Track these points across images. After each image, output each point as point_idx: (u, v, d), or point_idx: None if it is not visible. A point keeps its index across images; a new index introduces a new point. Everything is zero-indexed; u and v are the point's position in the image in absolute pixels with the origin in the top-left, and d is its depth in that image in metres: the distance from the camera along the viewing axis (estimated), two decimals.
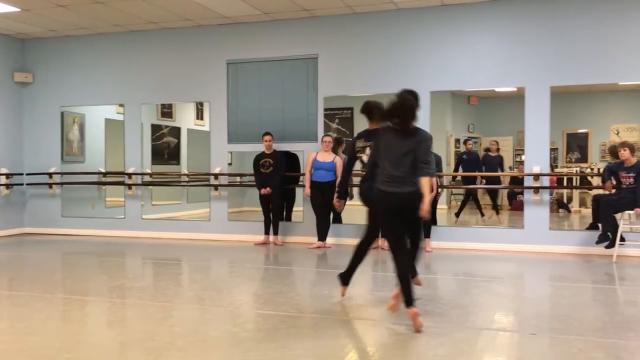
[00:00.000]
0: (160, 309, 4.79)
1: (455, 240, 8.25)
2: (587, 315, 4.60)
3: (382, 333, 4.19)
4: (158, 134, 10.63)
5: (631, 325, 4.29)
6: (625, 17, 7.60)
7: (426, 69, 8.40)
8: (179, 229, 9.60)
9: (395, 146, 4.23)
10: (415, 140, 4.21)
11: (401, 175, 4.19)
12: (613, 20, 7.64)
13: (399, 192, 4.20)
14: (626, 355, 3.60)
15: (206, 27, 9.41)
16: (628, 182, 7.11)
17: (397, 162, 4.21)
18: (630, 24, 7.58)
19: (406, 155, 4.19)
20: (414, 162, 4.19)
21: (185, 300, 5.16)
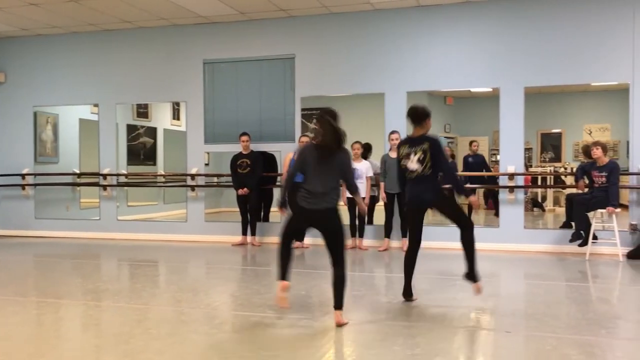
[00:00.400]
0: (136, 311, 4.74)
1: (431, 239, 8.29)
2: (561, 313, 4.67)
3: (359, 333, 4.21)
4: (134, 134, 10.52)
5: (603, 322, 4.36)
6: (597, 20, 7.73)
7: (403, 70, 8.45)
8: (156, 230, 9.51)
9: (315, 163, 4.30)
10: (338, 158, 4.28)
11: (321, 192, 4.26)
12: (586, 22, 7.77)
13: (314, 209, 4.26)
14: (598, 352, 3.66)
15: (182, 27, 9.34)
16: (600, 181, 7.23)
17: (318, 179, 4.27)
18: (601, 27, 7.71)
19: (327, 172, 4.27)
20: (338, 179, 4.32)
21: (161, 302, 5.12)
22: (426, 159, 4.66)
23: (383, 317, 4.55)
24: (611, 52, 7.68)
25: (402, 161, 4.80)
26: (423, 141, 4.71)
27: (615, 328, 4.26)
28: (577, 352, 3.62)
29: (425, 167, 4.68)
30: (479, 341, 3.96)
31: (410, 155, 4.72)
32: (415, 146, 4.71)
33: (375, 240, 8.39)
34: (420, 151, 4.68)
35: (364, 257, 7.61)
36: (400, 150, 4.83)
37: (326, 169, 4.28)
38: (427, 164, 4.67)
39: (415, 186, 4.78)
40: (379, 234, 8.34)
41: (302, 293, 5.41)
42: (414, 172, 4.72)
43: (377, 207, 8.57)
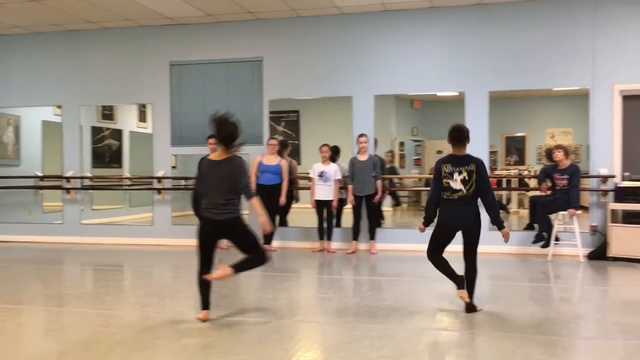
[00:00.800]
0: (100, 316, 4.66)
1: (399, 241, 8.38)
2: (524, 313, 4.76)
3: (327, 335, 4.22)
4: (99, 137, 10.34)
5: (565, 321, 4.46)
6: (558, 28, 7.92)
7: (370, 73, 8.51)
8: (121, 234, 9.37)
9: (211, 175, 4.40)
10: (231, 167, 4.36)
11: (221, 203, 4.35)
12: (548, 30, 7.95)
13: (216, 218, 4.36)
14: (560, 351, 3.74)
15: (148, 28, 9.24)
16: (562, 183, 7.40)
17: (215, 189, 4.37)
18: (563, 34, 7.90)
19: (224, 181, 4.35)
20: (234, 187, 4.36)
21: (126, 307, 5.04)
22: (471, 180, 4.56)
23: (350, 319, 4.57)
24: (572, 59, 7.87)
25: (443, 179, 4.63)
26: (469, 162, 4.60)
27: (577, 327, 4.36)
28: (540, 351, 3.70)
29: (469, 189, 4.57)
30: (444, 342, 4.01)
31: (454, 175, 4.58)
32: (460, 166, 4.59)
33: (343, 243, 8.41)
34: (465, 172, 4.57)
35: (332, 260, 7.62)
36: (443, 169, 4.65)
37: (221, 178, 4.37)
38: (471, 185, 4.57)
39: (457, 208, 4.62)
40: (346, 237, 8.37)
41: (269, 296, 5.39)
42: (456, 192, 4.59)
43: (345, 209, 8.61)
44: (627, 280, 6.34)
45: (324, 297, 5.47)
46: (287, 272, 6.94)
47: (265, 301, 5.19)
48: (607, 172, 7.73)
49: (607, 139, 7.77)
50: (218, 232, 4.46)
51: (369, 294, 5.54)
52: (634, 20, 7.69)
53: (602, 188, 7.76)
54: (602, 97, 7.78)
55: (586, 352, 3.79)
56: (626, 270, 6.76)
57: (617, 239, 7.27)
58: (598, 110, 7.80)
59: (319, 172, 8.12)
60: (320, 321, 4.64)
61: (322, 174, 8.10)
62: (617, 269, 6.89)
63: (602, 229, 7.69)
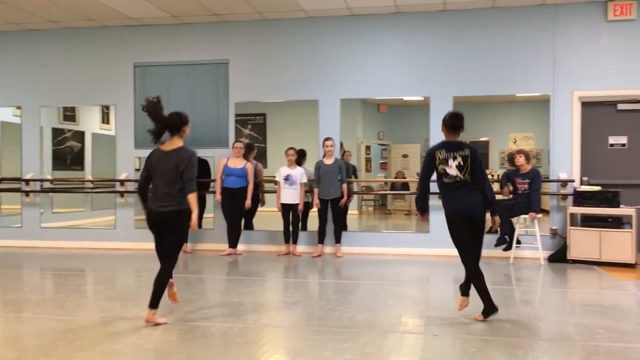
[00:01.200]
0: (59, 322, 4.56)
1: (365, 245, 8.42)
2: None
3: (291, 339, 4.20)
4: (60, 138, 10.12)
5: (526, 323, 4.54)
6: (521, 35, 8.08)
7: (337, 77, 8.54)
8: (83, 238, 9.18)
9: (159, 164, 4.44)
10: (179, 158, 4.40)
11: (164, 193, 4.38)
12: (510, 37, 8.11)
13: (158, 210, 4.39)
14: (520, 352, 3.80)
15: (111, 28, 9.09)
16: (523, 187, 7.54)
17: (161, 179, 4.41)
18: (525, 41, 8.06)
19: (169, 173, 4.39)
20: (178, 179, 4.38)
21: (86, 313, 4.93)
22: (466, 165, 4.52)
23: (315, 322, 4.56)
24: (534, 65, 8.04)
25: (439, 166, 4.57)
26: (462, 147, 4.58)
27: (537, 329, 4.44)
28: (501, 353, 3.76)
29: (465, 174, 4.52)
30: (408, 345, 4.04)
31: (449, 161, 4.54)
32: (455, 151, 4.56)
33: (309, 247, 8.41)
34: (460, 157, 4.54)
35: (298, 263, 7.61)
36: (437, 155, 4.58)
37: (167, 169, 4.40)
38: (467, 170, 4.53)
39: (464, 195, 4.53)
40: (312, 240, 8.37)
41: (234, 300, 5.35)
42: (453, 177, 4.53)
43: (311, 213, 8.61)
44: (586, 283, 6.49)
45: (289, 300, 5.45)
46: (252, 275, 6.90)
47: (230, 305, 5.15)
48: (567, 177, 7.92)
49: (566, 144, 7.96)
50: (159, 224, 4.45)
51: (334, 297, 5.54)
52: (592, 30, 7.90)
53: (562, 192, 7.95)
54: (562, 104, 7.97)
55: (546, 353, 3.86)
56: (584, 273, 6.92)
57: (576, 242, 7.44)
58: (558, 116, 7.99)
59: (284, 176, 8.10)
60: (285, 325, 4.62)
61: (288, 178, 8.08)
62: (576, 271, 7.05)
63: (561, 232, 7.87)
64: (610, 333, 4.26)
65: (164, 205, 4.38)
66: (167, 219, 4.38)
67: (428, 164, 4.65)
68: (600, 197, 7.46)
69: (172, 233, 4.43)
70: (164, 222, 4.41)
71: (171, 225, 4.41)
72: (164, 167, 4.42)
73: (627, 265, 7.16)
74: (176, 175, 4.38)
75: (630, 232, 7.19)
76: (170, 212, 4.37)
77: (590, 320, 4.65)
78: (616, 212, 7.34)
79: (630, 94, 7.88)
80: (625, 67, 7.82)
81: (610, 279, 6.52)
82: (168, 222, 4.40)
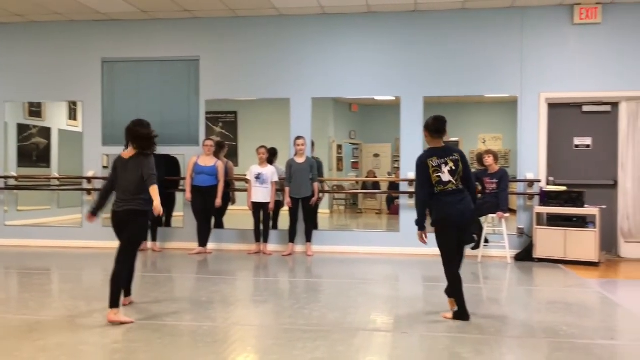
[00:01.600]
0: (23, 322, 4.46)
1: (335, 244, 8.44)
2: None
3: (260, 338, 4.19)
4: (25, 135, 9.91)
5: (492, 321, 4.61)
6: (490, 37, 8.20)
7: (309, 75, 8.54)
8: (48, 236, 9.00)
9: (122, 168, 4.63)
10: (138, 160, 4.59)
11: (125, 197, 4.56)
12: (480, 39, 8.21)
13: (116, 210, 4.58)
14: (487, 350, 3.86)
15: (79, 23, 8.94)
16: (492, 187, 7.65)
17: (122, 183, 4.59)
18: (494, 43, 8.18)
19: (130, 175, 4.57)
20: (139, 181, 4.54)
21: (51, 313, 4.84)
22: (458, 169, 4.53)
23: (285, 321, 4.56)
24: (502, 67, 8.17)
25: (434, 174, 4.51)
26: (452, 152, 4.58)
27: (503, 326, 4.51)
28: (467, 350, 3.81)
29: (457, 180, 4.53)
30: (377, 343, 4.06)
31: (442, 167, 4.50)
32: (446, 157, 4.54)
33: (280, 245, 8.40)
34: (451, 162, 4.52)
35: (268, 262, 7.59)
36: (429, 164, 4.52)
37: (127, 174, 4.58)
38: (458, 175, 4.53)
39: (457, 203, 4.51)
40: (283, 239, 8.36)
41: (203, 299, 5.31)
42: (447, 184, 4.50)
43: (282, 212, 8.60)
44: (551, 281, 6.62)
45: (259, 299, 5.44)
46: (222, 274, 6.86)
47: (199, 304, 5.11)
48: (534, 177, 8.07)
49: (533, 144, 8.11)
50: (118, 224, 4.57)
51: (304, 296, 5.55)
52: (559, 33, 8.06)
53: (529, 192, 8.09)
54: (529, 105, 8.11)
55: (511, 350, 3.93)
56: (550, 271, 7.06)
57: (542, 241, 7.59)
58: (526, 117, 8.13)
59: (255, 174, 8.07)
60: (255, 324, 4.61)
61: (259, 176, 8.06)
62: (541, 269, 7.19)
63: (528, 231, 8.01)
64: (573, 330, 4.36)
65: (123, 205, 4.55)
66: (123, 218, 4.54)
67: (423, 174, 4.55)
68: (566, 197, 7.61)
69: (128, 229, 4.53)
70: (121, 221, 4.56)
71: (127, 222, 4.53)
72: (125, 172, 4.61)
73: (591, 264, 7.33)
74: (135, 178, 4.56)
75: (594, 232, 7.36)
76: (128, 210, 4.52)
77: (555, 318, 4.75)
78: (581, 211, 7.50)
79: (595, 96, 8.07)
80: (590, 69, 8.00)
81: (575, 277, 6.67)
82: (124, 221, 4.54)
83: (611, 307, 5.34)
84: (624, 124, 8.04)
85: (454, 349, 3.84)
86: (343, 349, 3.83)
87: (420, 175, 4.57)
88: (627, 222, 8.00)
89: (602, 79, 7.98)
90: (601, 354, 3.79)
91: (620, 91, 7.96)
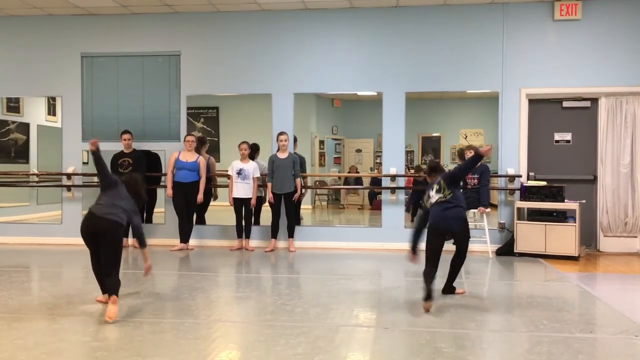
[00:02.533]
0: (2, 320, 4.39)
1: (318, 239, 8.45)
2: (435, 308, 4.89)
3: (243, 334, 4.18)
4: (3, 130, 9.76)
5: (473, 315, 4.65)
6: (472, 33, 8.23)
7: (290, 71, 8.51)
8: (27, 233, 8.88)
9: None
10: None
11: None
12: (461, 35, 8.24)
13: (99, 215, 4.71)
14: (468, 344, 3.89)
15: (58, 17, 8.81)
16: (473, 182, 7.70)
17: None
18: (476, 39, 8.22)
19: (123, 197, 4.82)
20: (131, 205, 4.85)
21: (30, 311, 4.77)
22: (442, 187, 5.07)
23: (267, 317, 4.55)
24: (484, 63, 8.21)
25: (427, 202, 5.13)
26: (437, 179, 5.20)
27: (484, 321, 4.54)
28: (448, 344, 3.83)
29: (445, 193, 5.04)
30: (359, 338, 4.07)
31: (429, 192, 5.14)
32: (432, 184, 5.18)
33: (262, 241, 8.38)
34: (435, 185, 5.12)
35: (250, 258, 7.57)
36: (425, 198, 5.18)
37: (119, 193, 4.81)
38: (444, 190, 5.06)
39: (441, 212, 5.00)
40: (265, 235, 8.34)
41: (184, 296, 5.28)
42: (436, 199, 5.05)
43: (264, 207, 8.58)
44: (531, 275, 6.69)
45: (241, 296, 5.42)
46: (204, 271, 6.83)
47: (181, 301, 5.08)
48: (514, 172, 8.14)
49: (514, 140, 8.17)
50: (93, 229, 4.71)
51: (286, 292, 5.54)
52: (539, 29, 8.13)
53: (510, 187, 8.16)
54: (510, 100, 8.17)
55: (492, 345, 3.96)
56: (530, 265, 7.14)
57: (523, 236, 7.66)
58: (506, 112, 8.19)
59: (237, 170, 8.04)
60: (237, 320, 4.59)
61: (240, 172, 8.02)
62: (522, 264, 7.26)
63: (509, 226, 8.09)
64: (554, 324, 4.41)
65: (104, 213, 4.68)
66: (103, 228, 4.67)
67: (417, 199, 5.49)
68: (546, 192, 7.69)
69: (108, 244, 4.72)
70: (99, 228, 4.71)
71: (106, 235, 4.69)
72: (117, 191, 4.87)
73: (571, 258, 7.42)
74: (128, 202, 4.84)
75: (574, 226, 7.45)
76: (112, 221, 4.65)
77: (535, 312, 4.80)
78: (561, 206, 7.59)
79: (575, 92, 8.15)
80: (570, 65, 8.08)
81: (555, 271, 6.74)
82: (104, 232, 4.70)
83: (590, 300, 5.41)
84: (603, 119, 8.14)
85: (436, 343, 3.86)
86: (325, 344, 3.84)
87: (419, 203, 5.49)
88: (606, 217, 8.11)
89: (582, 75, 8.07)
90: (580, 347, 3.84)
91: (600, 87, 8.06)
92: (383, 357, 3.64)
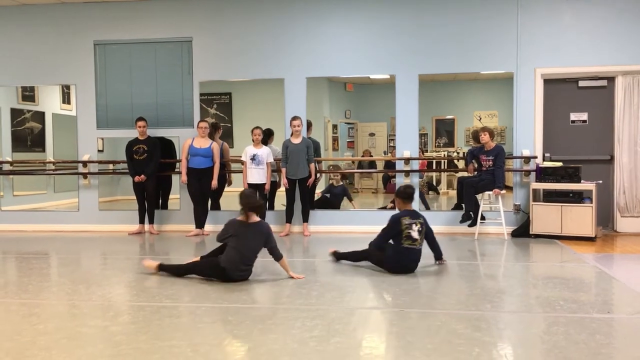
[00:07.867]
0: (22, 306, 4.47)
1: (332, 223, 8.47)
2: (451, 290, 4.91)
3: (259, 318, 4.21)
4: (19, 119, 9.84)
5: (489, 297, 4.64)
6: (485, 14, 8.13)
7: (303, 55, 8.48)
8: (45, 221, 9.01)
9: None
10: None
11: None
12: (475, 15, 8.15)
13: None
14: (484, 325, 3.89)
15: (71, 5, 8.84)
16: (488, 164, 7.66)
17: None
18: (489, 20, 8.12)
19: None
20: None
21: (50, 296, 4.85)
22: (423, 230, 5.52)
23: (283, 300, 4.58)
24: (498, 43, 8.12)
25: (405, 230, 5.42)
26: (419, 216, 5.60)
27: (500, 302, 4.54)
28: (464, 326, 3.83)
29: (422, 239, 5.53)
30: (375, 320, 4.09)
31: (413, 226, 5.44)
32: (415, 219, 5.50)
33: (277, 226, 8.40)
34: (419, 224, 5.49)
35: None
36: (402, 222, 5.44)
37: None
38: (422, 236, 5.51)
39: (414, 261, 5.52)
40: (280, 219, 8.37)
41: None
42: (416, 241, 5.44)
43: (278, 192, 8.60)
44: (547, 256, 6.66)
45: (257, 279, 5.46)
46: None
47: (197, 285, 5.12)
48: (530, 153, 8.07)
49: (529, 121, 8.09)
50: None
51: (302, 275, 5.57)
52: (554, 8, 8.00)
53: (525, 168, 8.10)
54: (525, 81, 8.08)
55: (508, 325, 3.96)
56: (546, 247, 7.10)
57: (538, 217, 7.61)
58: (521, 93, 8.10)
59: (251, 155, 8.05)
60: (253, 304, 4.63)
61: (254, 157, 8.03)
62: (538, 245, 7.22)
63: (524, 208, 8.04)
64: (570, 304, 4.39)
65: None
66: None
67: (393, 229, 5.47)
68: (562, 172, 7.62)
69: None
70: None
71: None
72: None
73: (587, 239, 7.37)
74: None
75: (591, 207, 7.38)
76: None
77: (552, 293, 4.78)
78: (577, 187, 7.52)
79: (590, 71, 8.04)
80: (586, 44, 7.96)
81: (571, 252, 6.70)
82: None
83: (607, 281, 5.37)
84: (620, 98, 8.03)
85: (451, 325, 3.86)
86: (340, 326, 3.85)
87: (390, 230, 5.51)
88: (623, 197, 8.03)
89: (598, 54, 7.95)
90: (597, 328, 3.82)
91: (616, 65, 7.94)
92: (399, 340, 3.65)
